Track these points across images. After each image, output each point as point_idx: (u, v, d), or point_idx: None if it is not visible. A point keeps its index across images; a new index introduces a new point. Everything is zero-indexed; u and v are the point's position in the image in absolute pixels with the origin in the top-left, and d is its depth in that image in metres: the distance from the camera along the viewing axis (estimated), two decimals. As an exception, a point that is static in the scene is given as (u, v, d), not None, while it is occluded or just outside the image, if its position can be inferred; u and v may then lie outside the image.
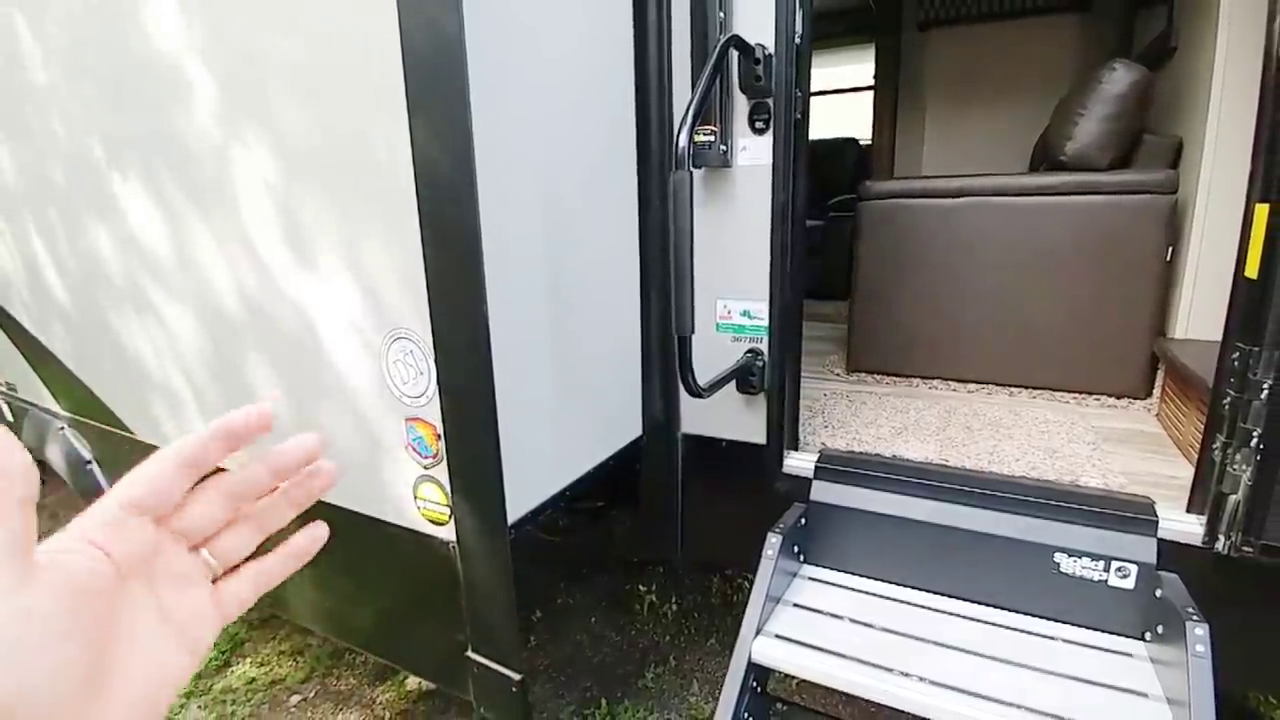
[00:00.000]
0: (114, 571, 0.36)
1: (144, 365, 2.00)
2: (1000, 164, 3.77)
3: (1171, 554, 1.50)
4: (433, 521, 1.43)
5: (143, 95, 1.64)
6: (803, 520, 1.71)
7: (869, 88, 4.71)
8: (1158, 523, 1.52)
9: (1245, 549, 1.42)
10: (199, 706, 2.53)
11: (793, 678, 2.05)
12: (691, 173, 1.37)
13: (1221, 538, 1.46)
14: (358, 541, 1.61)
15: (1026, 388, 2.46)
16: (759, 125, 1.66)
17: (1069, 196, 2.30)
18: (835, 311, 3.48)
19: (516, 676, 1.35)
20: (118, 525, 0.37)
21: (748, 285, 1.77)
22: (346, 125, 1.32)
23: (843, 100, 5.59)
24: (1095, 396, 2.38)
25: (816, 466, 1.78)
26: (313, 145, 1.38)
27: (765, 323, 1.76)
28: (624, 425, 1.89)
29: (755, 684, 1.47)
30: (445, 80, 1.13)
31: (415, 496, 1.43)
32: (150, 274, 1.84)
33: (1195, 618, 1.29)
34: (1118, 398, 2.36)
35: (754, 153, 1.68)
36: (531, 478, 1.47)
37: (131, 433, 2.26)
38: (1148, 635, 1.46)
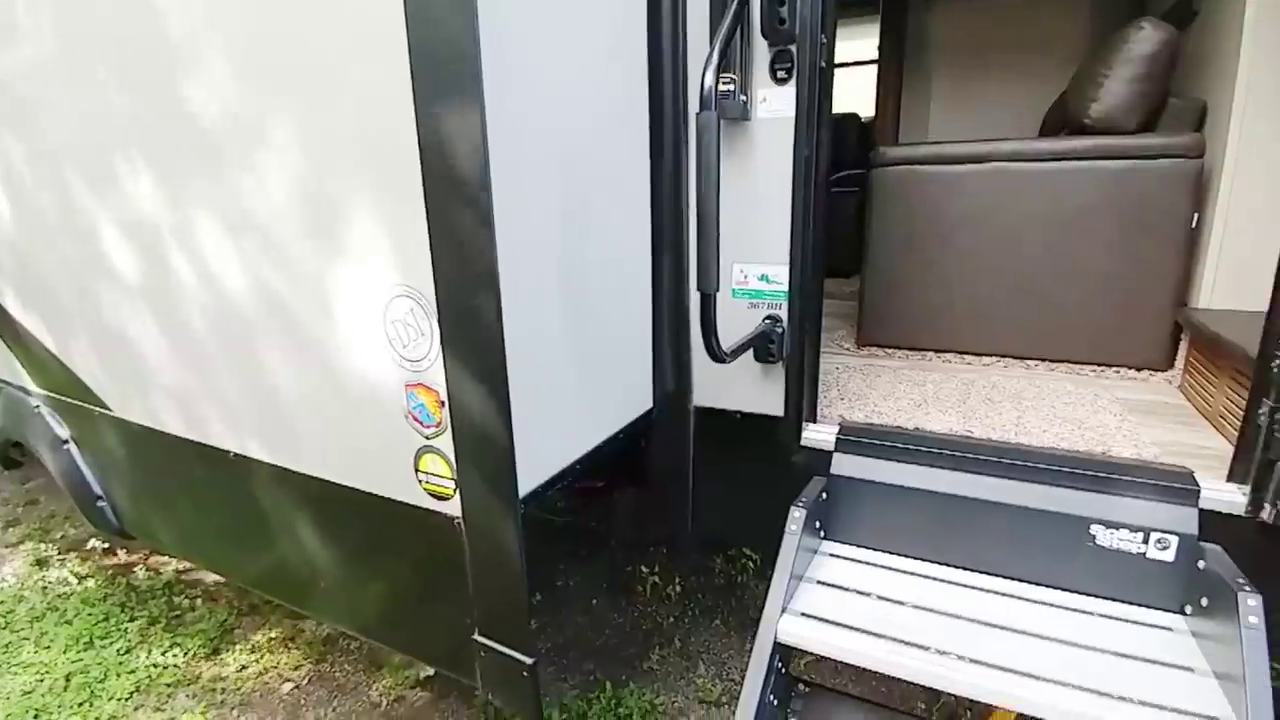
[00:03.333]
0: None
1: (125, 339, 1.88)
2: (1010, 135, 3.68)
3: (1213, 525, 1.44)
4: (436, 496, 1.33)
5: (126, 60, 1.52)
6: (824, 495, 1.63)
7: (873, 61, 4.60)
8: (1199, 492, 1.45)
9: (1295, 518, 1.36)
10: (187, 695, 2.43)
11: (803, 657, 1.98)
12: (718, 115, 1.27)
13: (1268, 506, 1.40)
14: (354, 519, 1.52)
15: (1045, 360, 2.38)
16: (781, 74, 1.56)
17: (1090, 161, 2.22)
18: (838, 288, 3.40)
19: (527, 661, 1.26)
20: None
21: (767, 248, 1.68)
22: (344, 73, 1.21)
23: (843, 77, 5.48)
24: (1115, 369, 2.32)
25: (838, 439, 1.70)
26: (303, 90, 1.27)
27: (784, 288, 1.67)
28: (635, 397, 1.80)
29: (780, 664, 1.39)
30: (451, 28, 1.03)
31: (417, 469, 1.33)
32: (130, 243, 1.72)
33: (1247, 588, 1.22)
34: (1138, 370, 2.30)
35: (775, 104, 1.58)
36: (542, 449, 1.37)
37: (109, 409, 2.14)
38: (1188, 609, 1.40)
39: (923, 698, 2.30)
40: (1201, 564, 1.38)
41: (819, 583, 1.50)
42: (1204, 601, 1.35)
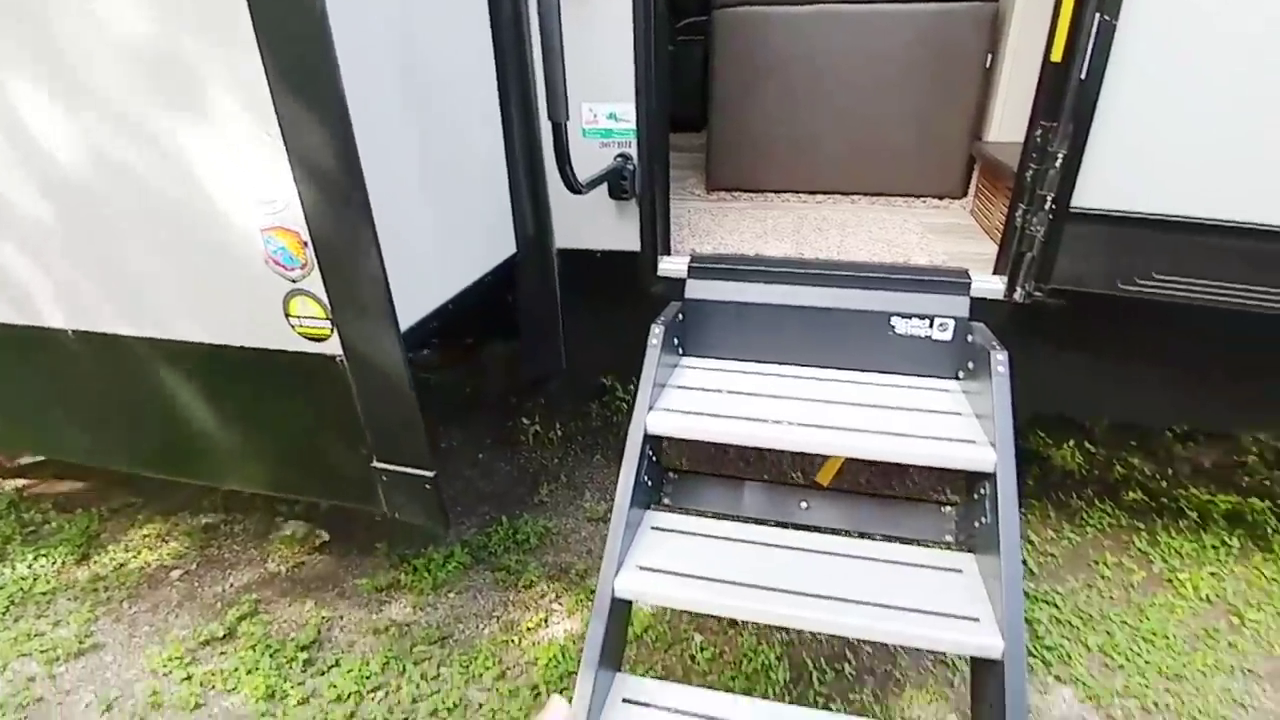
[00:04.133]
0: None
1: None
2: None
3: (980, 309, 1.80)
4: (312, 338, 1.36)
5: None
6: (680, 316, 1.83)
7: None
8: (970, 284, 1.80)
9: (1036, 294, 1.73)
10: (68, 599, 2.37)
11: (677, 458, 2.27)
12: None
13: (1019, 289, 1.77)
14: (231, 377, 1.51)
15: (866, 194, 2.69)
16: (615, -100, 1.55)
17: (904, 4, 2.41)
18: (689, 142, 3.51)
19: (429, 475, 1.39)
20: None
21: (612, 86, 1.73)
22: None
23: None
24: (922, 199, 2.66)
25: (689, 267, 1.88)
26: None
27: (632, 125, 1.75)
28: (498, 240, 1.86)
29: (651, 453, 1.63)
30: None
31: (288, 314, 1.35)
32: None
33: (998, 347, 1.57)
34: (939, 198, 2.66)
35: (611, -68, 1.58)
36: (414, 286, 1.42)
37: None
38: (961, 374, 1.77)
39: (769, 470, 2.74)
40: (970, 338, 1.74)
41: (678, 387, 1.73)
42: (971, 365, 1.72)
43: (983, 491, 1.52)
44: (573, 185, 1.50)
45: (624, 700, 1.38)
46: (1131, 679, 1.93)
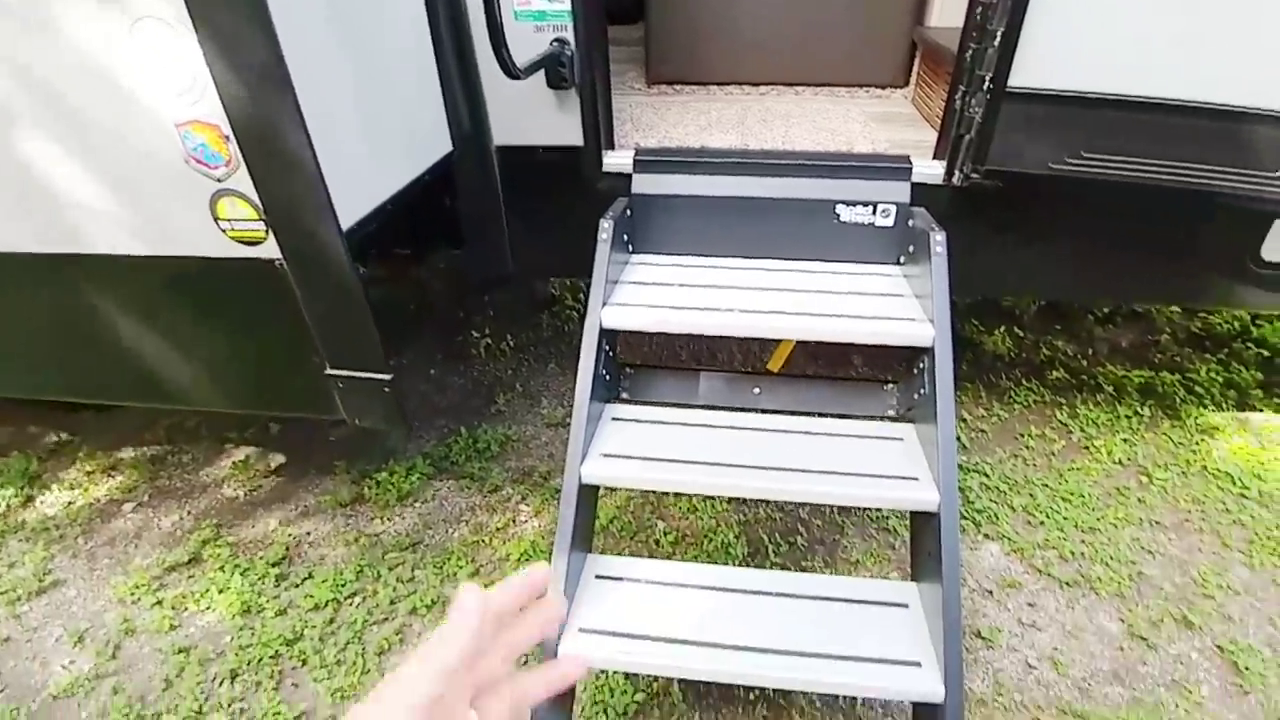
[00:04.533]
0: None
1: None
2: None
3: (921, 194, 1.84)
4: (246, 241, 1.30)
5: None
6: (628, 211, 1.81)
7: None
8: (911, 169, 1.83)
9: (973, 176, 1.77)
10: (20, 540, 2.31)
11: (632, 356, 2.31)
12: None
13: (957, 172, 1.81)
14: (164, 290, 1.43)
15: (810, 85, 2.65)
16: None
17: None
18: (626, 35, 3.36)
19: (385, 378, 1.38)
20: (456, 676, 0.40)
21: (545, -37, 1.63)
22: None
23: None
24: (865, 88, 2.65)
25: (635, 160, 1.85)
26: None
27: (568, 6, 1.66)
28: (433, 137, 1.77)
29: (608, 347, 1.65)
30: None
31: (216, 217, 1.28)
32: None
33: (937, 228, 1.62)
34: (882, 88, 2.65)
35: None
36: (350, 183, 1.35)
37: None
38: (902, 259, 1.83)
39: (720, 367, 2.83)
40: (911, 222, 1.79)
41: (630, 282, 1.74)
42: (911, 249, 1.77)
43: (921, 365, 1.61)
44: (510, 70, 1.43)
45: (597, 577, 1.46)
46: (1051, 533, 2.14)
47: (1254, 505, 2.19)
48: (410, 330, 3.19)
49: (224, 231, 1.29)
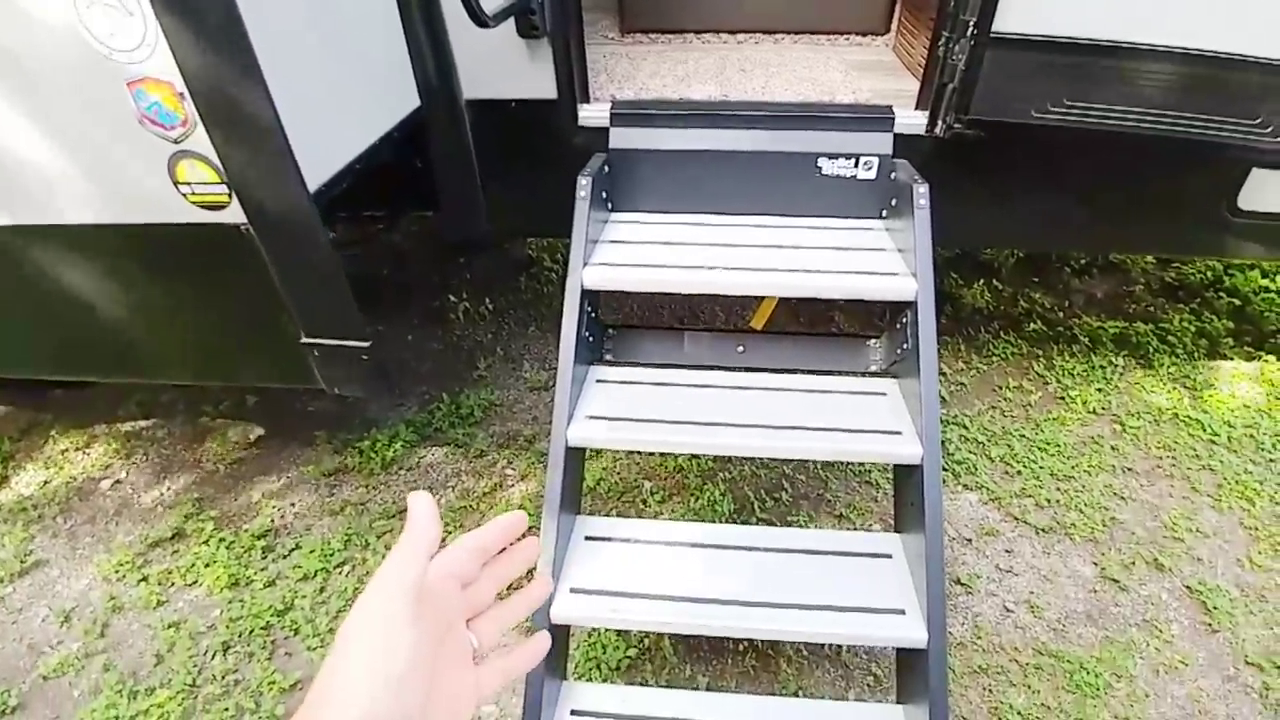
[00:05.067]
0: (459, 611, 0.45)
1: None
2: None
3: (903, 145, 1.81)
4: (208, 206, 1.24)
5: None
6: (606, 167, 1.76)
7: None
8: (893, 120, 1.79)
9: (956, 126, 1.75)
10: (-3, 522, 2.26)
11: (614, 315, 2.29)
12: None
13: (940, 123, 1.78)
14: (129, 260, 1.37)
15: (789, 33, 2.58)
16: None
17: None
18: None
19: (364, 345, 1.34)
20: (454, 579, 0.45)
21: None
22: None
23: None
24: (844, 36, 2.59)
25: (612, 114, 1.80)
26: None
27: (537, -52, 1.59)
28: (401, 93, 1.70)
29: (590, 309, 1.63)
30: None
31: (176, 181, 1.22)
32: None
33: (919, 180, 1.60)
34: (862, 35, 2.59)
35: None
36: (315, 142, 1.29)
37: None
38: (884, 212, 1.81)
39: (703, 321, 2.83)
40: (893, 175, 1.76)
41: (611, 241, 1.71)
42: (894, 202, 1.75)
43: (904, 320, 1.60)
44: (478, 17, 1.36)
45: (586, 538, 1.47)
46: (1028, 482, 2.18)
47: (1223, 451, 2.25)
48: (386, 296, 3.13)
49: (185, 196, 1.24)
